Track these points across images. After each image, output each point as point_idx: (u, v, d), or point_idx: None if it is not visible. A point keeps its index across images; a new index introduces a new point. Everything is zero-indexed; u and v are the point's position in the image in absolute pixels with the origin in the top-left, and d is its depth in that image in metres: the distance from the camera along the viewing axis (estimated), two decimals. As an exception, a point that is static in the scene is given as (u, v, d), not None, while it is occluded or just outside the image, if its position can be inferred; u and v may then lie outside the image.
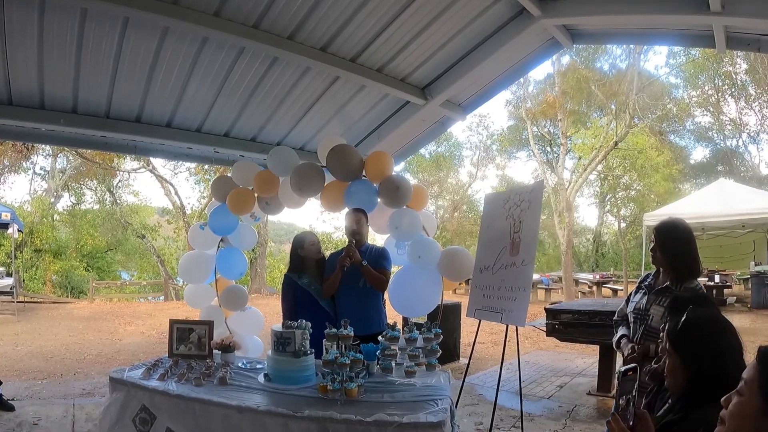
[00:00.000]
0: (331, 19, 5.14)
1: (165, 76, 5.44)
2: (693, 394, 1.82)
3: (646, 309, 3.06)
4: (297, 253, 4.81)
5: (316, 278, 4.72)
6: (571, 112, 22.72)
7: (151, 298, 22.12)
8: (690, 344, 1.86)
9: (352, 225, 4.64)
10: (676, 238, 3.07)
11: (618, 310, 3.40)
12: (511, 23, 5.78)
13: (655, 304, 3.01)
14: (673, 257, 3.03)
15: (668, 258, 3.04)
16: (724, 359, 1.77)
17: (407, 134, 7.61)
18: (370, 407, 2.87)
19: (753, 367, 1.41)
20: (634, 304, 3.18)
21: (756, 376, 1.38)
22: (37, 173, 26.38)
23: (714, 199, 14.16)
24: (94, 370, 8.08)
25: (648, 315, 3.03)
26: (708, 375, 1.77)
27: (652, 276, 3.18)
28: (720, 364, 1.76)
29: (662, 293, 3.01)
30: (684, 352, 1.87)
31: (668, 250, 3.04)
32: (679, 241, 3.06)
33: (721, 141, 28.62)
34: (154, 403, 3.24)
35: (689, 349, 1.86)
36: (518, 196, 4.82)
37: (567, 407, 6.01)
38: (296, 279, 4.72)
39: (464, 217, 31.18)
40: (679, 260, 3.02)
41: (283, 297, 4.80)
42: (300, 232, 5.06)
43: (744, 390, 1.40)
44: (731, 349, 1.83)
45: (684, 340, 1.88)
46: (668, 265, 3.04)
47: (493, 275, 4.76)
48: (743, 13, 4.51)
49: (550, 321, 6.63)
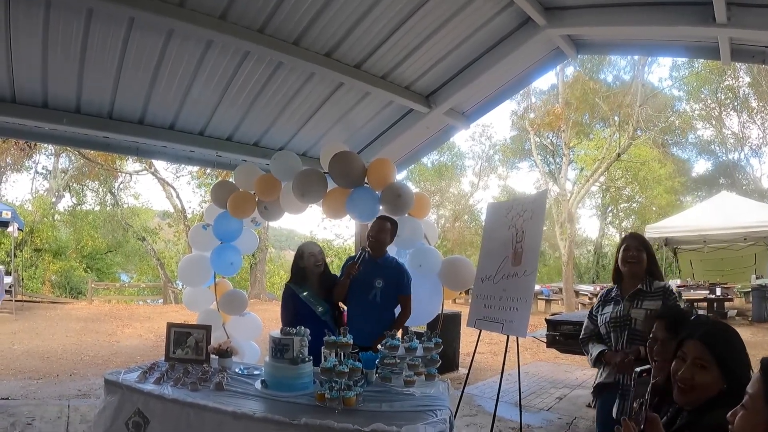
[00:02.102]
0: (336, 25, 5.13)
1: (169, 78, 5.43)
2: (714, 403, 1.76)
3: (625, 315, 3.19)
4: (298, 264, 4.61)
5: (318, 291, 4.51)
6: (574, 123, 22.73)
7: (150, 301, 22.09)
8: (731, 354, 1.82)
9: (375, 233, 4.49)
10: (650, 244, 3.42)
11: (584, 329, 3.50)
12: (516, 32, 5.76)
13: (632, 309, 3.18)
14: (653, 259, 3.30)
15: (651, 259, 3.29)
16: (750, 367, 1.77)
17: (410, 142, 7.59)
18: (368, 416, 2.83)
19: (757, 380, 1.41)
20: (608, 315, 3.29)
21: (761, 389, 1.37)
22: (39, 172, 26.45)
23: (716, 212, 14.16)
24: (90, 372, 8.05)
25: (629, 319, 3.17)
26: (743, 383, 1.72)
27: (616, 288, 3.36)
28: (748, 372, 1.74)
29: (635, 297, 3.21)
30: (725, 362, 1.80)
31: (651, 251, 3.33)
32: (650, 245, 3.43)
33: (723, 154, 28.65)
34: (148, 407, 3.20)
35: (730, 359, 1.81)
36: (521, 206, 4.80)
37: (566, 419, 5.97)
38: (297, 291, 4.52)
39: (465, 227, 31.13)
40: (656, 261, 3.34)
41: (283, 307, 4.63)
42: (303, 242, 4.91)
43: (749, 404, 1.40)
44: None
45: (726, 350, 1.82)
46: (646, 269, 3.26)
47: (495, 285, 4.74)
48: (749, 25, 4.49)
49: (551, 332, 6.60)
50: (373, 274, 4.38)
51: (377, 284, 4.37)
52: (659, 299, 3.12)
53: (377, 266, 4.42)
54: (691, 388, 1.82)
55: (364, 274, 4.35)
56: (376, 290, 4.37)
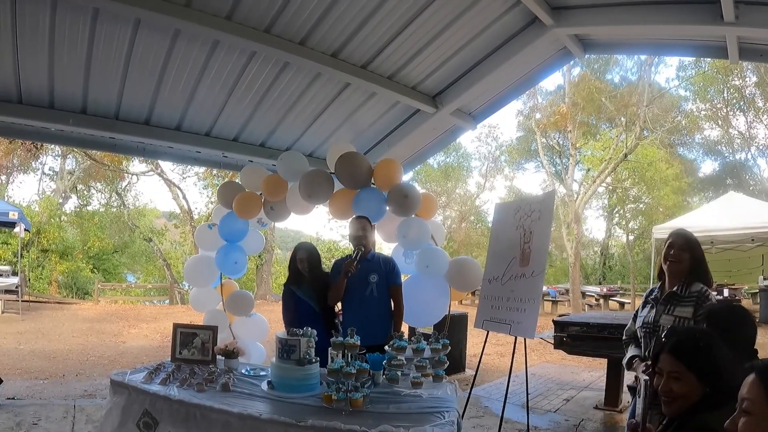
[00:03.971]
0: (342, 25, 5.11)
1: (175, 79, 5.42)
2: (698, 407, 1.81)
3: (655, 321, 3.03)
4: (294, 264, 4.78)
5: (314, 289, 4.67)
6: (581, 123, 22.66)
7: (156, 302, 22.14)
8: (704, 359, 1.85)
9: (357, 232, 4.57)
10: (699, 243, 3.13)
11: (626, 330, 3.36)
12: (523, 32, 5.73)
13: (664, 314, 2.99)
14: (698, 262, 3.04)
15: (695, 262, 3.04)
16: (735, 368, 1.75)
17: (417, 143, 7.57)
18: (376, 418, 2.81)
19: (755, 385, 1.39)
20: (642, 319, 3.14)
21: (763, 394, 1.36)
22: (45, 173, 26.58)
23: (723, 213, 14.06)
24: (96, 372, 8.06)
25: (658, 326, 2.99)
26: (725, 386, 1.73)
27: (658, 289, 3.17)
28: (732, 374, 1.72)
29: (668, 301, 3.02)
30: (699, 369, 1.84)
31: (697, 253, 3.05)
32: (700, 246, 3.12)
33: (730, 154, 28.49)
34: (155, 408, 3.19)
35: (705, 364, 1.85)
36: (529, 206, 4.77)
37: (574, 421, 5.93)
38: (295, 290, 4.70)
39: (472, 227, 31.11)
40: (703, 264, 3.05)
41: (284, 308, 4.79)
42: (297, 244, 5.02)
43: (751, 408, 1.38)
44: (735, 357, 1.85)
45: (697, 357, 1.87)
46: (689, 270, 3.03)
47: (503, 286, 4.71)
48: (757, 23, 4.45)
49: (558, 333, 6.55)
50: (368, 270, 4.48)
51: (372, 279, 4.47)
52: (692, 305, 2.92)
53: (368, 262, 4.51)
54: (672, 399, 1.89)
55: (359, 271, 4.43)
56: (372, 285, 4.46)
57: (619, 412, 6.19)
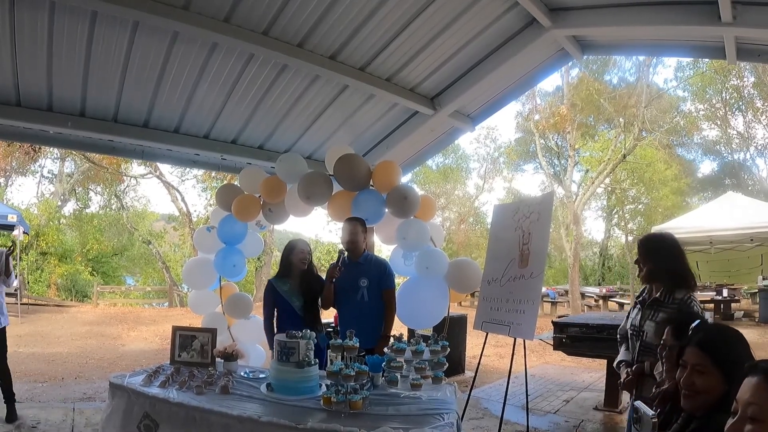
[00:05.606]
0: (340, 27, 5.12)
1: (174, 81, 5.42)
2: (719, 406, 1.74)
3: (640, 325, 3.03)
4: (288, 258, 4.73)
5: (299, 287, 4.64)
6: (579, 124, 22.67)
7: (156, 304, 22.10)
8: (731, 357, 1.80)
9: (347, 236, 4.57)
10: (662, 248, 3.06)
11: (619, 329, 3.35)
12: (521, 34, 5.74)
13: (648, 320, 2.99)
14: (662, 268, 2.99)
15: (657, 269, 3.00)
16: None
17: (415, 144, 7.56)
18: (375, 420, 2.81)
19: (762, 388, 1.33)
20: (631, 320, 3.16)
21: None
22: (44, 176, 26.55)
23: (722, 213, 14.08)
24: (96, 375, 8.05)
25: (642, 331, 2.99)
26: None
27: (646, 291, 3.16)
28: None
29: (651, 307, 3.00)
30: (725, 366, 1.79)
31: (656, 259, 3.01)
32: (666, 251, 3.05)
33: (728, 154, 28.53)
34: (155, 411, 3.19)
35: (730, 362, 1.79)
36: (527, 208, 4.77)
37: (573, 422, 5.93)
38: (278, 286, 4.65)
39: (471, 229, 31.07)
40: (669, 270, 2.98)
41: (265, 302, 4.75)
42: (294, 239, 4.99)
43: (759, 415, 1.31)
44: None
45: (725, 353, 1.82)
46: (656, 277, 3.02)
47: (502, 287, 4.71)
48: (754, 23, 4.45)
49: (558, 334, 6.54)
50: (357, 275, 4.48)
51: (362, 284, 4.47)
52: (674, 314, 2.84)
53: (359, 266, 4.51)
54: (694, 393, 1.83)
55: (349, 276, 4.44)
56: (362, 290, 4.46)
57: (618, 413, 6.19)
